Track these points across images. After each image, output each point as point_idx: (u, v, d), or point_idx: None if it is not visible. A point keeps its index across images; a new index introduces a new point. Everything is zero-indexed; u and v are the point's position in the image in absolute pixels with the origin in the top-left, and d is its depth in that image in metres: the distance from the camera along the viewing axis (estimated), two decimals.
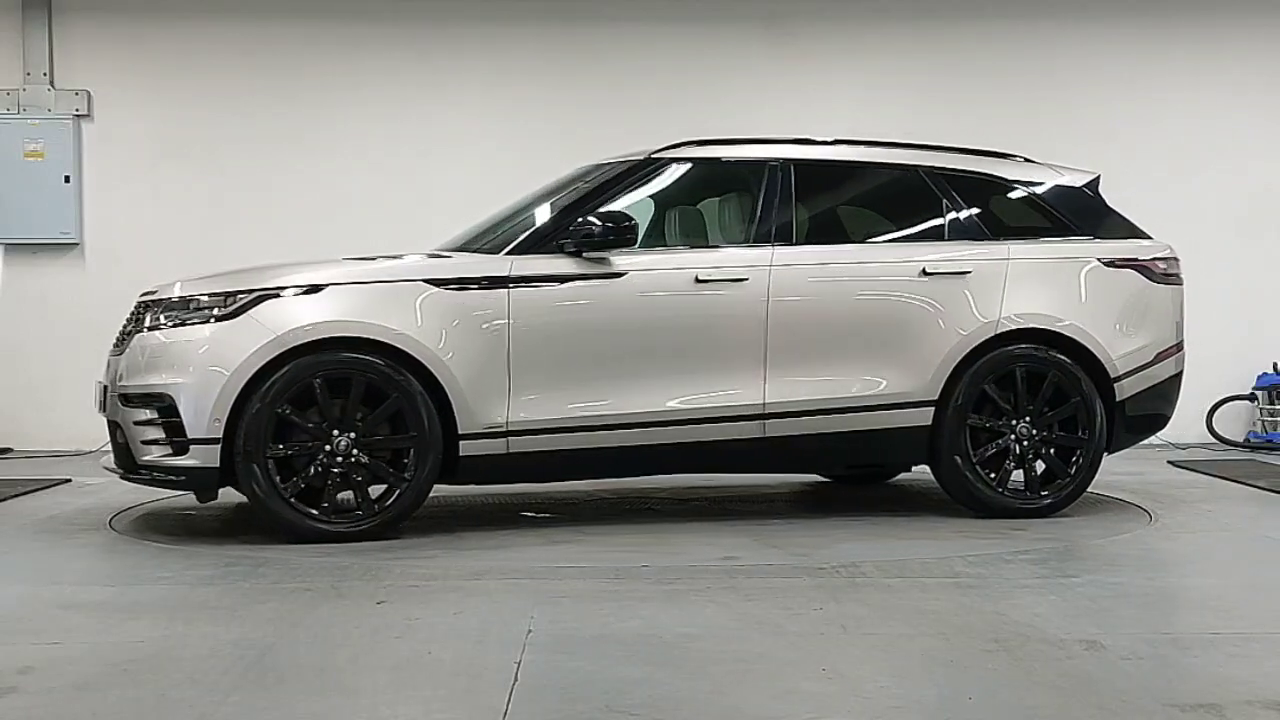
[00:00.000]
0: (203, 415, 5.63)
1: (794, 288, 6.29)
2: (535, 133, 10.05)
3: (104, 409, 6.12)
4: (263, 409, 5.64)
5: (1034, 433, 6.45)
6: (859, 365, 6.33)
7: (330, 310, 5.78)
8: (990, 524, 6.26)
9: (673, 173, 6.61)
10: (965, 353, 6.39)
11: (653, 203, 6.69)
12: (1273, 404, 10.14)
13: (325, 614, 4.46)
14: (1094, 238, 6.78)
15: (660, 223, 6.73)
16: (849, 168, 6.83)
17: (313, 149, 10.10)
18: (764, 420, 6.21)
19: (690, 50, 10.24)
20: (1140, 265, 6.77)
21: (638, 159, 6.55)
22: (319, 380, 5.72)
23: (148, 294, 6.08)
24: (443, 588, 4.88)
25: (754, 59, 10.27)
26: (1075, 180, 6.97)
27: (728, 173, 6.79)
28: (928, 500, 7.09)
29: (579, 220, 6.10)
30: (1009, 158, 7.01)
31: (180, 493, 6.68)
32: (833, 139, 6.95)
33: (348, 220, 9.91)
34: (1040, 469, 6.52)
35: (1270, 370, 10.20)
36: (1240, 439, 10.14)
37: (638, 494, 7.40)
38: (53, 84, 9.99)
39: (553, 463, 6.08)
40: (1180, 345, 6.84)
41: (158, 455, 5.75)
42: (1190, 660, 3.89)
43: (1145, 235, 6.94)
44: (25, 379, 9.92)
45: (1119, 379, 6.57)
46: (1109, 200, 7.03)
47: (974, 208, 6.70)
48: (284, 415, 5.68)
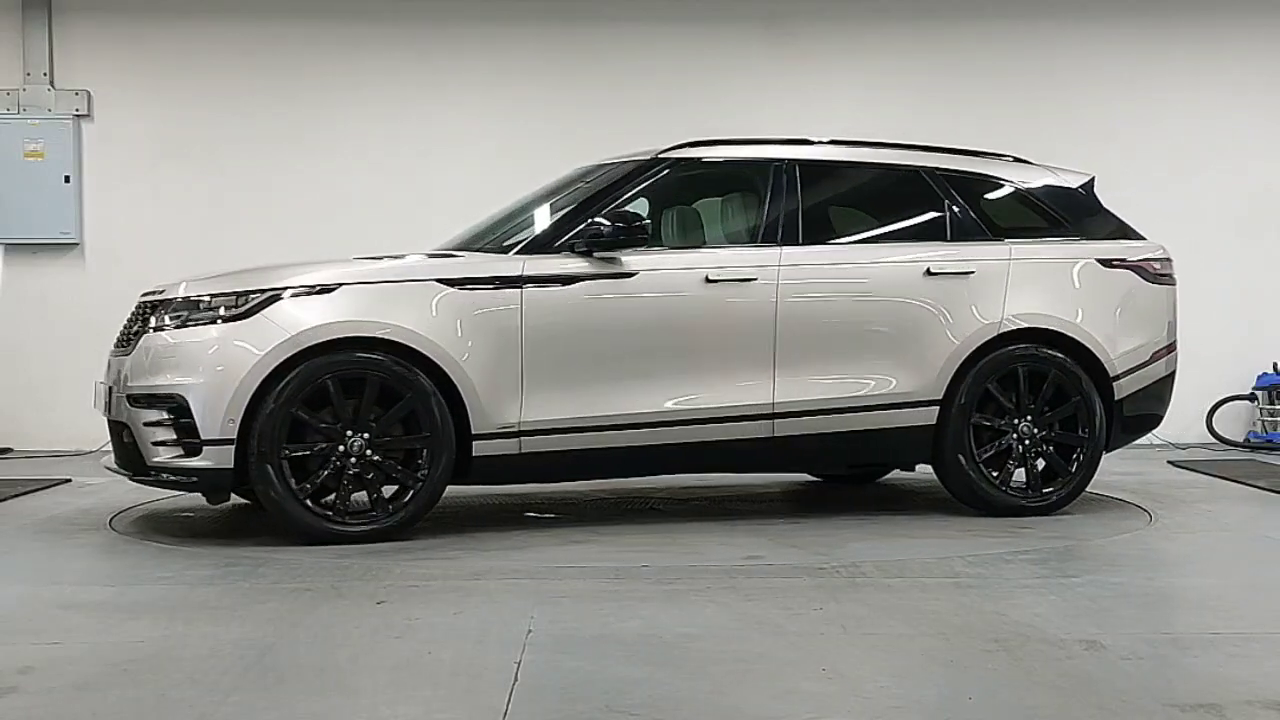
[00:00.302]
0: (216, 416, 5.59)
1: (802, 288, 6.31)
2: (535, 133, 10.04)
3: (105, 409, 6.10)
4: (277, 409, 5.61)
5: (1036, 431, 6.48)
6: (866, 365, 6.35)
7: (345, 310, 5.76)
8: (990, 523, 6.26)
9: (679, 172, 6.60)
10: (969, 352, 6.42)
11: (660, 203, 6.68)
12: (1273, 404, 10.13)
13: (325, 614, 4.46)
14: (1089, 238, 6.82)
15: (667, 223, 6.72)
16: (853, 168, 6.85)
17: (313, 149, 10.10)
18: (773, 420, 6.22)
19: (690, 50, 10.23)
20: (1135, 265, 6.80)
21: (644, 159, 6.55)
22: (333, 380, 5.71)
23: (151, 294, 6.04)
24: (443, 588, 4.87)
25: (754, 59, 10.26)
26: (1070, 181, 7.01)
27: (734, 173, 6.80)
28: (926, 499, 7.09)
29: (589, 220, 6.11)
30: (1002, 158, 7.05)
31: (180, 493, 6.69)
32: (832, 140, 6.96)
33: (348, 220, 9.90)
34: (1041, 467, 6.54)
35: (1270, 370, 10.19)
36: (1240, 439, 10.13)
37: (639, 494, 7.40)
38: (53, 84, 9.99)
39: (564, 462, 6.08)
40: (1173, 345, 6.89)
41: (168, 456, 5.70)
42: (1190, 660, 3.89)
43: (1139, 236, 6.98)
44: (25, 379, 9.91)
45: (1117, 378, 6.61)
46: (1109, 200, 7.08)
47: (974, 208, 6.72)
48: (297, 416, 5.66)
